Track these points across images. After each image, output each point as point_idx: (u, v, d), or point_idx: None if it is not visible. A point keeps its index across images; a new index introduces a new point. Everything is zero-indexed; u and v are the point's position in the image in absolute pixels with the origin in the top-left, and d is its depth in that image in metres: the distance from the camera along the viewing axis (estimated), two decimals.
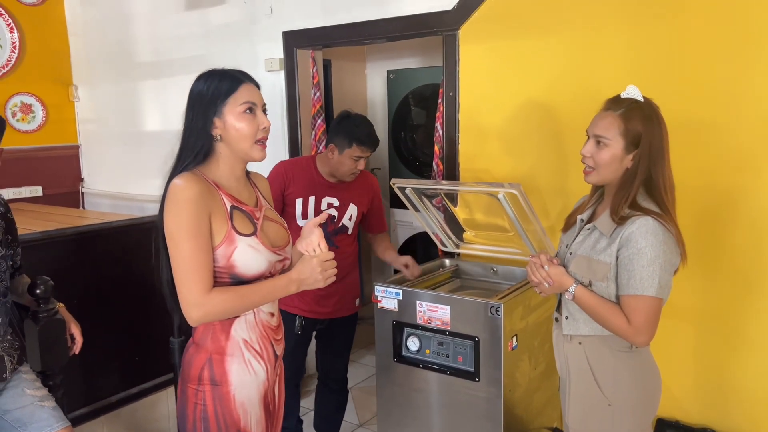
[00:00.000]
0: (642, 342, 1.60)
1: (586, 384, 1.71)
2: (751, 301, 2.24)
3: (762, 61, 2.13)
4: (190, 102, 1.55)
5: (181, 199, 1.44)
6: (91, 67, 4.46)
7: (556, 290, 1.73)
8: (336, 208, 2.52)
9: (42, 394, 1.97)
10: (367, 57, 4.81)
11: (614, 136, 1.61)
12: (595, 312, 1.65)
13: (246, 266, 1.52)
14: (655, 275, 1.55)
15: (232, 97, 1.52)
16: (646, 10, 2.32)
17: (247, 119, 1.53)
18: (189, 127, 1.54)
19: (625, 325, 1.59)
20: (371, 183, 2.66)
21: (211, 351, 1.54)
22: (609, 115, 1.64)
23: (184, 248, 1.43)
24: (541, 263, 1.72)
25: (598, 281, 1.65)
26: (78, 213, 3.97)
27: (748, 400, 2.28)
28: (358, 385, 3.66)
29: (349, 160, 2.44)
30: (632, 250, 1.57)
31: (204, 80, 1.55)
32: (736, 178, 2.22)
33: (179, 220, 1.44)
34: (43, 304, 2.03)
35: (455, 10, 2.74)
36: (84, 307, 2.46)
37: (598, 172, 1.65)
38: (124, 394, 2.98)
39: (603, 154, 1.63)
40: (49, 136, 4.45)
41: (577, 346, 1.74)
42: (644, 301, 1.57)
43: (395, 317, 2.37)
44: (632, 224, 1.58)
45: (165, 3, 3.89)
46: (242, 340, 1.56)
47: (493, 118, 2.74)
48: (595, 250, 1.67)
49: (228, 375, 1.54)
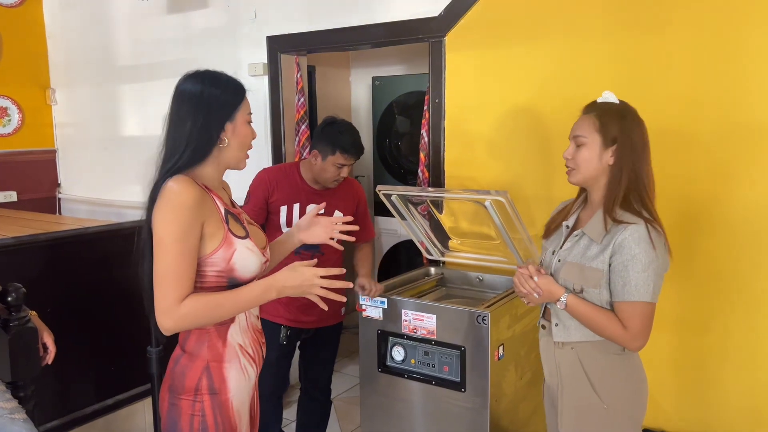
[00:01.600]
0: (637, 347, 1.63)
1: (581, 389, 1.70)
2: (729, 308, 2.24)
3: (740, 73, 2.16)
4: (192, 103, 1.48)
5: (176, 204, 1.41)
6: (70, 70, 4.38)
7: (546, 300, 1.72)
8: (321, 215, 2.48)
9: (12, 406, 1.89)
10: (352, 64, 4.79)
11: (590, 133, 1.66)
12: (588, 320, 1.64)
13: (245, 268, 1.50)
14: (649, 281, 1.57)
15: (243, 105, 1.54)
16: (630, 21, 2.33)
17: (250, 129, 1.56)
18: (198, 126, 1.47)
19: (621, 331, 1.60)
20: (356, 190, 2.62)
21: (208, 359, 1.51)
22: (585, 117, 1.70)
23: (169, 252, 1.40)
24: (529, 274, 1.71)
25: (591, 288, 1.64)
26: (54, 219, 3.88)
27: (730, 407, 2.28)
28: (341, 395, 3.60)
29: (332, 167, 2.40)
30: (626, 256, 1.58)
31: (210, 82, 1.50)
32: (714, 186, 2.23)
33: (170, 226, 1.40)
34: (14, 312, 1.96)
35: (442, 16, 2.73)
36: (58, 316, 2.39)
37: (579, 171, 1.68)
38: (98, 406, 2.89)
39: (582, 152, 1.67)
40: (25, 140, 4.36)
41: (569, 352, 1.72)
42: (640, 306, 1.58)
43: (380, 326, 2.33)
44: (625, 230, 1.59)
45: (146, 6, 3.83)
46: (238, 345, 1.54)
47: (479, 125, 2.72)
48: (586, 257, 1.66)
49: (227, 382, 1.52)
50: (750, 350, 2.23)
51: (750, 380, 2.24)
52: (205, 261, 1.46)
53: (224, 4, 3.48)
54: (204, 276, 1.47)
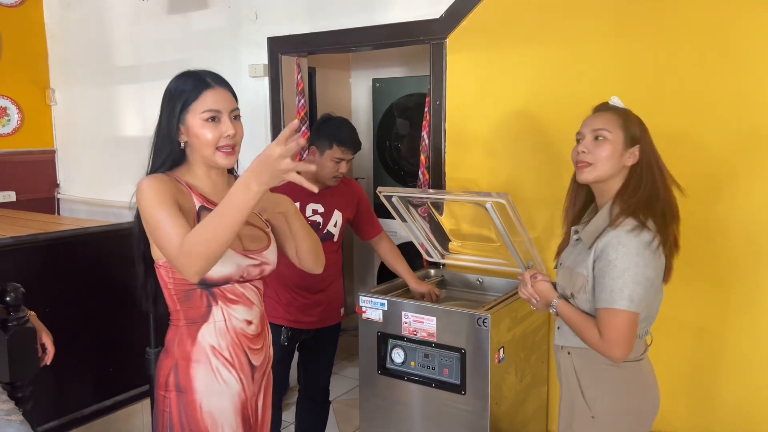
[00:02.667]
0: (616, 356, 1.54)
1: (573, 394, 1.69)
2: (734, 312, 2.24)
3: (741, 74, 2.15)
4: (161, 105, 1.54)
5: (145, 188, 1.44)
6: (69, 70, 4.37)
7: (543, 305, 1.73)
8: (321, 215, 2.47)
9: (8, 407, 1.88)
10: (352, 66, 4.79)
11: (615, 129, 1.59)
12: (572, 325, 1.63)
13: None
14: (624, 288, 1.50)
15: (194, 105, 1.48)
16: (629, 24, 2.33)
17: (210, 127, 1.48)
18: (157, 131, 1.54)
19: (597, 338, 1.55)
20: (356, 189, 2.62)
21: (177, 357, 1.50)
22: (606, 113, 1.63)
23: (158, 217, 1.40)
24: (524, 280, 1.73)
25: (577, 293, 1.63)
26: (53, 219, 3.87)
27: (738, 413, 2.27)
28: (340, 397, 3.59)
29: (330, 161, 2.40)
30: (604, 262, 1.54)
31: (174, 84, 1.53)
32: (715, 190, 2.23)
33: (147, 203, 1.43)
34: (12, 312, 1.95)
35: (443, 18, 2.73)
36: (57, 316, 2.37)
37: (596, 167, 1.59)
38: (97, 407, 2.88)
39: (604, 147, 1.58)
40: (24, 140, 4.34)
41: (567, 356, 1.71)
42: (614, 314, 1.51)
43: (380, 328, 2.32)
44: (606, 235, 1.55)
45: (147, 6, 3.82)
46: (210, 346, 1.50)
47: (480, 127, 2.72)
48: (576, 261, 1.65)
49: (193, 382, 1.49)
50: (750, 354, 2.22)
51: (750, 384, 2.23)
52: None
53: (225, 4, 3.47)
54: (173, 273, 1.47)
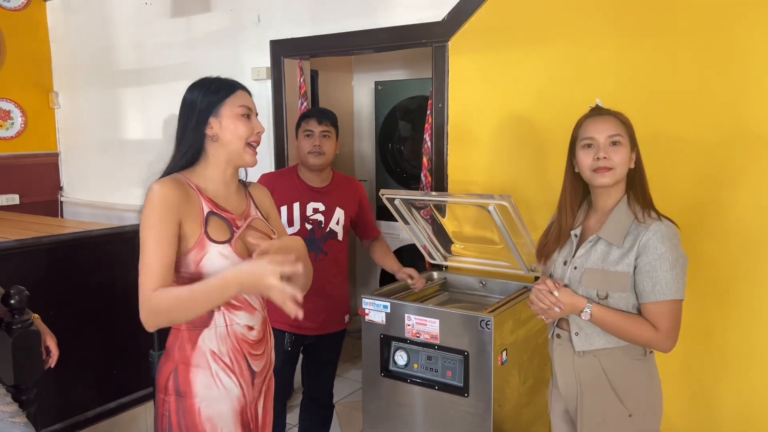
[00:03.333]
0: (669, 347, 1.61)
1: (604, 397, 1.67)
2: (733, 315, 2.23)
3: (742, 77, 2.15)
4: (183, 107, 1.56)
5: (152, 200, 1.45)
6: (73, 73, 4.39)
7: (568, 313, 1.67)
8: (322, 213, 2.48)
9: (12, 409, 1.89)
10: (354, 68, 4.80)
11: (624, 133, 1.66)
12: (616, 327, 1.62)
13: (214, 274, 1.45)
14: (679, 278, 1.57)
15: (231, 99, 1.54)
16: (633, 26, 2.33)
17: (244, 122, 1.55)
18: (182, 128, 1.55)
19: (653, 333, 1.58)
20: (357, 187, 2.64)
21: (177, 360, 1.51)
22: (610, 117, 1.69)
23: (146, 245, 1.43)
24: (548, 289, 1.65)
25: (618, 292, 1.62)
26: (56, 222, 3.88)
27: (738, 415, 2.27)
28: (343, 400, 3.60)
29: (303, 139, 2.47)
30: (653, 256, 1.57)
31: (199, 86, 1.57)
32: (715, 191, 2.22)
33: (147, 219, 1.44)
34: (17, 315, 1.96)
35: (445, 21, 2.73)
36: (61, 319, 2.39)
37: (615, 172, 1.64)
38: (100, 409, 2.89)
39: (621, 152, 1.64)
40: (27, 144, 4.36)
41: (591, 360, 1.69)
42: (671, 305, 1.58)
43: (383, 330, 2.32)
44: (647, 231, 1.59)
45: (150, 10, 3.84)
46: (210, 351, 1.51)
47: (483, 129, 2.72)
48: (608, 261, 1.64)
49: (192, 386, 1.50)
50: (748, 356, 2.22)
51: (750, 386, 2.23)
52: (179, 261, 1.48)
53: (228, 7, 3.49)
54: (178, 276, 1.49)
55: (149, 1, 3.84)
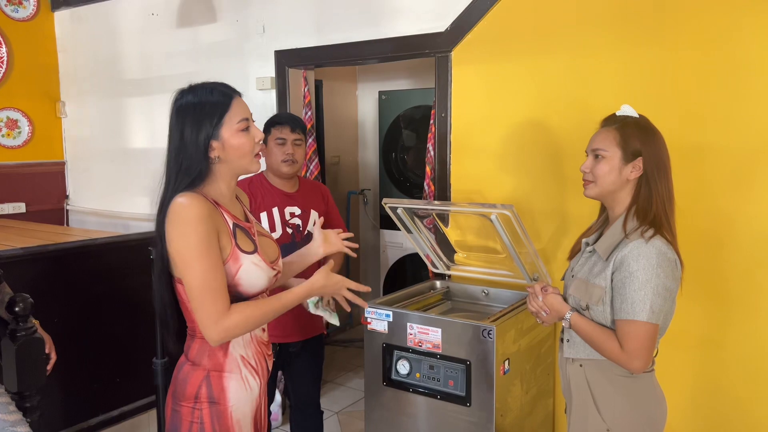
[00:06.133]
0: (636, 368, 1.57)
1: (586, 407, 1.69)
2: (747, 324, 2.22)
3: (750, 86, 2.16)
4: (178, 121, 1.48)
5: (188, 218, 1.40)
6: (80, 83, 4.43)
7: (555, 319, 1.72)
8: (299, 217, 2.49)
9: (15, 418, 1.89)
10: (359, 78, 4.83)
11: (611, 147, 1.63)
12: (590, 338, 1.63)
13: (250, 284, 1.50)
14: (646, 299, 1.52)
15: (227, 116, 1.47)
16: (637, 35, 2.34)
17: (245, 136, 1.49)
18: (180, 148, 1.46)
19: (618, 350, 1.57)
20: (321, 190, 2.65)
21: (208, 368, 1.51)
22: (605, 130, 1.67)
23: (197, 269, 1.40)
24: (535, 293, 1.72)
25: (594, 305, 1.63)
26: (62, 230, 3.90)
27: (747, 428, 2.25)
28: (346, 409, 3.59)
29: (274, 147, 2.44)
30: (624, 273, 1.56)
31: (192, 98, 1.48)
32: (728, 201, 2.22)
33: (189, 240, 1.39)
34: (21, 323, 1.97)
35: (448, 32, 2.75)
36: (65, 326, 2.40)
37: (597, 184, 1.65)
38: (103, 417, 2.90)
39: (602, 166, 1.64)
40: (34, 152, 4.40)
41: (578, 369, 1.71)
42: (636, 326, 1.54)
43: (385, 339, 2.32)
44: (626, 247, 1.57)
45: (156, 20, 3.88)
46: (240, 356, 1.54)
47: (486, 139, 2.73)
48: (592, 273, 1.66)
49: (226, 392, 1.52)
50: (753, 365, 2.21)
51: (753, 395, 2.22)
52: None
53: (233, 18, 3.52)
54: None
55: (156, 11, 3.88)
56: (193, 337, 1.54)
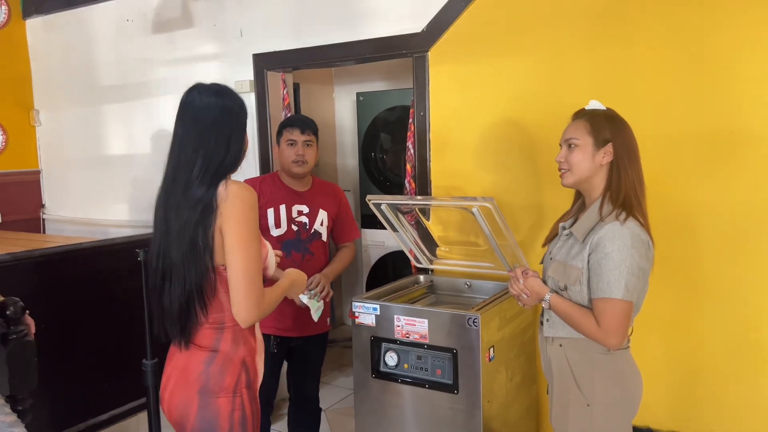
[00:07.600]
0: (613, 344, 1.65)
1: (566, 384, 1.77)
2: (714, 304, 2.33)
3: (707, 78, 2.27)
4: (235, 117, 1.62)
5: (248, 206, 1.53)
6: (54, 91, 4.40)
7: (535, 300, 1.80)
8: (306, 215, 2.56)
9: (11, 420, 1.88)
10: (335, 80, 4.88)
11: (582, 136, 1.73)
12: (568, 317, 1.72)
13: (271, 268, 1.71)
14: (621, 278, 1.61)
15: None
16: (605, 35, 2.44)
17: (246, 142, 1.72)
18: (233, 139, 1.60)
19: (595, 327, 1.65)
20: (337, 192, 2.72)
21: (244, 355, 1.61)
22: (576, 121, 1.78)
23: (252, 251, 1.53)
24: (516, 276, 1.82)
25: (571, 285, 1.72)
26: (41, 238, 3.87)
27: (717, 405, 2.36)
28: (333, 406, 3.63)
29: (286, 147, 2.53)
30: (600, 254, 1.64)
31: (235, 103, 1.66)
32: (695, 187, 2.33)
33: (249, 223, 1.53)
34: (12, 326, 1.97)
35: (425, 32, 2.82)
36: (52, 331, 2.40)
37: (572, 172, 1.75)
38: (93, 421, 2.89)
39: (575, 154, 1.74)
40: (8, 162, 4.35)
41: (558, 348, 1.79)
42: (612, 303, 1.62)
43: (373, 332, 2.37)
44: (601, 229, 1.66)
45: (131, 27, 3.88)
46: (262, 335, 1.72)
47: (464, 136, 2.81)
48: (569, 255, 1.74)
49: (258, 373, 1.67)
50: (723, 347, 2.32)
51: (726, 377, 2.32)
52: None
53: (210, 23, 3.54)
54: None
55: (131, 18, 3.88)
56: (221, 328, 1.59)
